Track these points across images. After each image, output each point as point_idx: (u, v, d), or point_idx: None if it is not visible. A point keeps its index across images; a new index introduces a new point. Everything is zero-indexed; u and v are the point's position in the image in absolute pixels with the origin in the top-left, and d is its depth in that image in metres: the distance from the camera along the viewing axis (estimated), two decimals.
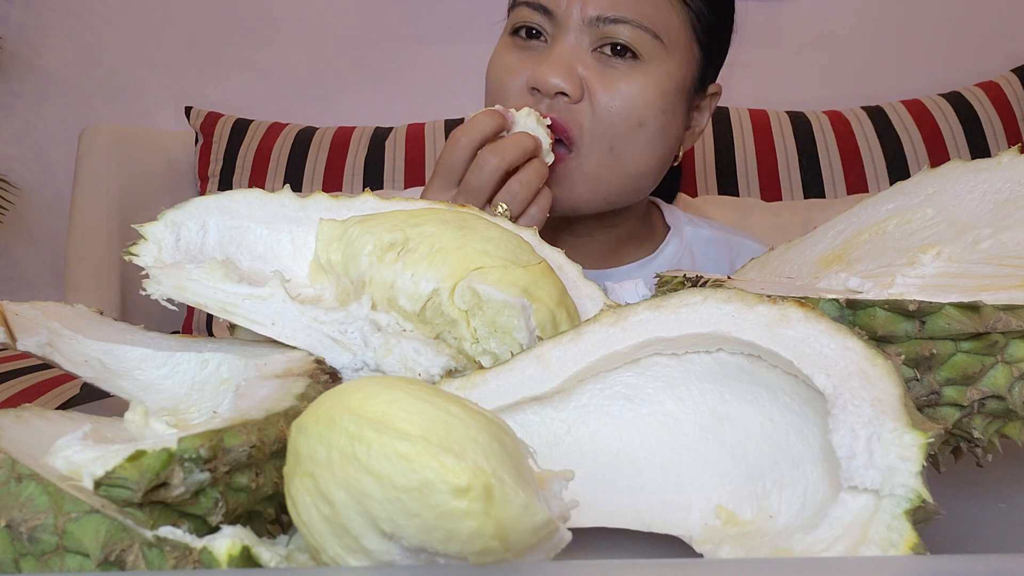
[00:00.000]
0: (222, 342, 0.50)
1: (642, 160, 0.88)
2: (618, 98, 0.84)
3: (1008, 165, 0.50)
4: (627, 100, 0.85)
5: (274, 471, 0.36)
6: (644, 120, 0.86)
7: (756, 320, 0.39)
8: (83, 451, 0.33)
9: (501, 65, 0.90)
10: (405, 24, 2.03)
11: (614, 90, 0.84)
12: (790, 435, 0.39)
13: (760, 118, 1.77)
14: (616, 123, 0.85)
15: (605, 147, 0.85)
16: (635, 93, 0.85)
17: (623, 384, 0.43)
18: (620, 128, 0.85)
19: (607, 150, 0.85)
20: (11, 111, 2.06)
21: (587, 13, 0.84)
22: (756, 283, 0.51)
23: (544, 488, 0.32)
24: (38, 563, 0.31)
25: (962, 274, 0.44)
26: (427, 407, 0.30)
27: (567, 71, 0.83)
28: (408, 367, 0.45)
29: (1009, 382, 0.40)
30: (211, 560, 0.31)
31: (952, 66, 1.96)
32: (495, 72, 0.90)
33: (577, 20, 0.85)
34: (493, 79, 0.91)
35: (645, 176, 0.91)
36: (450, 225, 0.50)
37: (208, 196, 0.55)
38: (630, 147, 0.86)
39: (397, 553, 0.29)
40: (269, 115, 1.89)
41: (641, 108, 0.85)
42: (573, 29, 0.85)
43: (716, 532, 0.37)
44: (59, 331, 0.48)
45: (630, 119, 0.85)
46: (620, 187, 0.89)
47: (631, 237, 1.02)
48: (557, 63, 0.84)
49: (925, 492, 0.32)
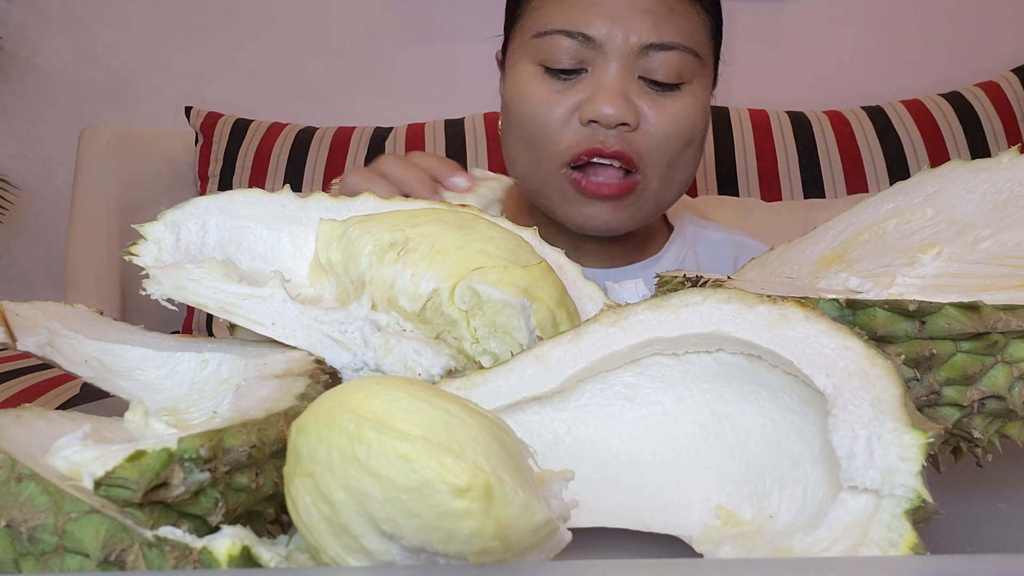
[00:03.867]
0: (222, 342, 0.50)
1: (691, 171, 0.93)
2: (673, 122, 0.86)
3: (1008, 165, 0.50)
4: (680, 122, 0.87)
5: (274, 471, 0.36)
6: (693, 136, 0.89)
7: (756, 320, 0.39)
8: (83, 451, 0.33)
9: (538, 98, 0.87)
10: (405, 24, 2.03)
11: (668, 115, 0.86)
12: (790, 435, 0.39)
13: (760, 118, 1.77)
14: (673, 145, 0.87)
15: (663, 166, 0.88)
16: (687, 114, 0.87)
17: (623, 384, 0.43)
18: (676, 148, 0.88)
19: (665, 168, 0.88)
20: (11, 111, 2.06)
21: (634, 41, 0.84)
22: (756, 283, 0.51)
23: (544, 488, 0.32)
24: (38, 563, 0.31)
25: (962, 274, 0.44)
26: (427, 407, 0.30)
27: (624, 102, 0.84)
28: (408, 367, 0.45)
29: (1009, 382, 0.40)
30: (211, 560, 0.31)
31: (952, 66, 1.96)
32: (532, 107, 0.87)
33: (624, 48, 0.84)
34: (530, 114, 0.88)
35: (688, 181, 0.94)
36: (450, 225, 0.50)
37: (208, 196, 0.55)
38: (683, 161, 0.90)
39: (397, 553, 0.29)
40: (269, 115, 1.89)
41: (691, 127, 0.88)
42: (618, 57, 0.84)
43: (716, 532, 0.37)
44: (59, 331, 0.48)
45: (682, 139, 0.88)
46: (674, 198, 0.94)
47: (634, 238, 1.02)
48: (614, 95, 0.83)
49: (925, 492, 0.32)
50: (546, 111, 0.86)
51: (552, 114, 0.86)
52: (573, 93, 0.86)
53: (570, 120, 0.86)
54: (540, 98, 0.87)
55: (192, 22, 2.05)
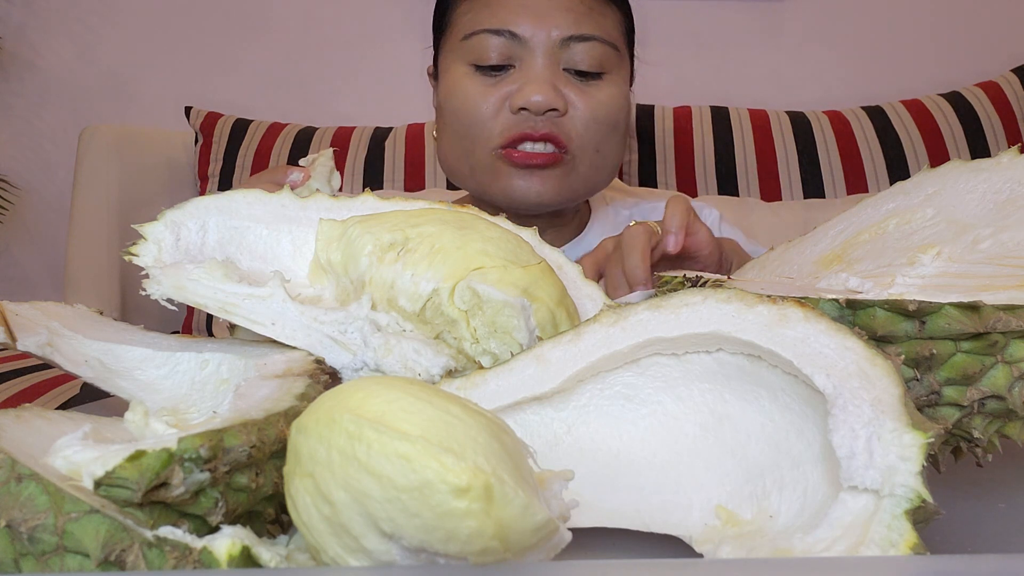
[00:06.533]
0: (222, 342, 0.50)
1: (617, 155, 1.00)
2: (599, 108, 0.94)
3: (1008, 165, 0.50)
4: (606, 109, 0.95)
5: (274, 471, 0.36)
6: (618, 122, 0.97)
7: (756, 320, 0.39)
8: (83, 451, 0.33)
9: (469, 93, 0.94)
10: (405, 24, 2.03)
11: (595, 102, 0.94)
12: (790, 435, 0.39)
13: (760, 118, 1.77)
14: (600, 129, 0.95)
15: (592, 150, 0.95)
16: (610, 101, 0.95)
17: (623, 384, 0.43)
18: (603, 133, 0.95)
19: (594, 152, 0.96)
20: (11, 111, 2.06)
21: (556, 35, 0.92)
22: (756, 283, 0.51)
23: (544, 488, 0.32)
24: (38, 563, 0.31)
25: (962, 274, 0.44)
26: (427, 407, 0.30)
27: (552, 90, 0.91)
28: (408, 367, 0.45)
29: (1009, 382, 0.40)
30: (211, 560, 0.31)
31: (952, 66, 1.96)
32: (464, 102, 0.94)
33: (547, 41, 0.92)
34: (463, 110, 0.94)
35: (616, 167, 1.02)
36: (450, 225, 0.50)
37: (208, 196, 0.55)
38: (610, 146, 0.97)
39: (397, 553, 0.29)
40: (269, 115, 1.89)
41: (615, 113, 0.96)
42: (543, 51, 0.92)
43: (716, 532, 0.37)
44: (59, 331, 0.48)
45: (608, 123, 0.95)
46: (604, 181, 1.01)
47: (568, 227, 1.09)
48: (542, 83, 0.91)
49: (925, 492, 0.32)
50: (479, 103, 0.93)
51: (484, 105, 0.93)
52: (503, 86, 0.93)
53: (501, 110, 0.93)
54: (472, 92, 0.94)
55: (192, 22, 2.05)
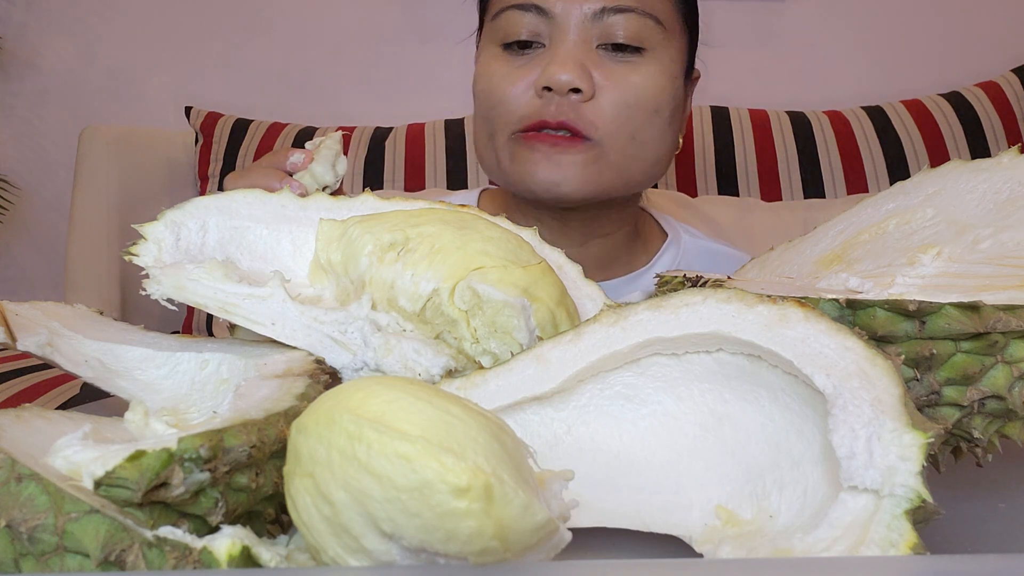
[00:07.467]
0: (222, 342, 0.50)
1: (661, 144, 0.90)
2: (633, 91, 0.85)
3: (1008, 165, 0.50)
4: (641, 91, 0.85)
5: (274, 471, 0.36)
6: (659, 107, 0.87)
7: (756, 320, 0.39)
8: (83, 451, 0.33)
9: (495, 75, 0.88)
10: (405, 24, 2.03)
11: (627, 84, 0.85)
12: (790, 435, 0.39)
13: (760, 118, 1.77)
14: (635, 115, 0.86)
15: (627, 137, 0.86)
16: (648, 83, 0.86)
17: (623, 384, 0.43)
18: (639, 119, 0.86)
19: (629, 139, 0.86)
20: (11, 111, 2.06)
21: (587, 8, 0.84)
22: (756, 283, 0.51)
23: (544, 488, 0.32)
24: (38, 563, 0.31)
25: (962, 274, 0.44)
26: (427, 407, 0.30)
27: (579, 67, 0.83)
28: (408, 367, 0.45)
29: (1009, 382, 0.40)
30: (211, 560, 0.31)
31: (952, 66, 1.96)
32: (489, 83, 0.88)
33: (579, 16, 0.84)
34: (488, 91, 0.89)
35: (662, 160, 0.92)
36: (450, 225, 0.50)
37: (208, 196, 0.55)
38: (650, 134, 0.88)
39: (397, 553, 0.29)
40: (269, 115, 1.89)
41: (655, 96, 0.86)
42: (575, 27, 0.84)
43: (716, 532, 0.37)
44: (59, 331, 0.48)
45: (647, 108, 0.86)
46: (643, 173, 0.90)
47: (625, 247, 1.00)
48: (567, 60, 0.83)
49: (925, 492, 0.32)
50: (505, 85, 0.87)
51: (510, 87, 0.87)
52: (531, 68, 0.86)
53: (526, 92, 0.86)
54: (500, 73, 0.88)
55: (192, 22, 2.04)
